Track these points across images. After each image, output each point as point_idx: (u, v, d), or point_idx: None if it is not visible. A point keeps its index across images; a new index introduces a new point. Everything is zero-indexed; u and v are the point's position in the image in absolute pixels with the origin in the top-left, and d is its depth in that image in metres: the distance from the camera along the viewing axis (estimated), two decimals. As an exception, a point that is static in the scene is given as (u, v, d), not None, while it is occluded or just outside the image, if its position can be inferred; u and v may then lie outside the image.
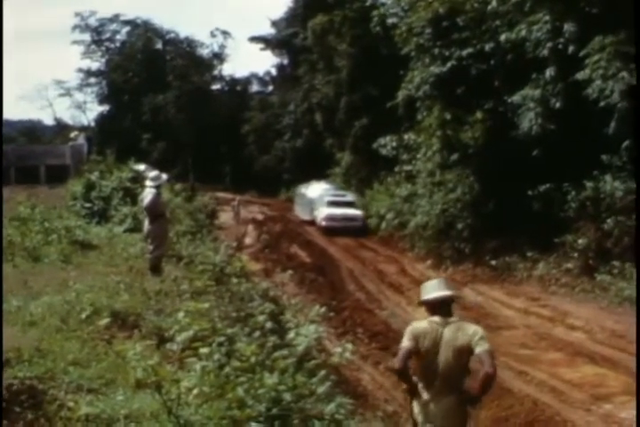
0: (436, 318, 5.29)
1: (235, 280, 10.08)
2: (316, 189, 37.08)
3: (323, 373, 4.53)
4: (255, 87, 71.47)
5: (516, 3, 18.60)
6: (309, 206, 36.13)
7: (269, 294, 8.95)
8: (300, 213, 39.00)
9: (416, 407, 5.34)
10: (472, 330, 5.26)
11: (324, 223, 32.48)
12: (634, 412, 8.82)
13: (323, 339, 6.51)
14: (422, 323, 5.34)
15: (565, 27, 16.89)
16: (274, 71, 67.57)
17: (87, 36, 70.18)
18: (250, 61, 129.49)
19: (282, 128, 56.06)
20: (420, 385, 5.32)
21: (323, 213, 32.82)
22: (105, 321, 5.88)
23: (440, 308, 5.33)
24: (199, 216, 24.86)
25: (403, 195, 28.25)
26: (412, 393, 5.36)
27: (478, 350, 5.13)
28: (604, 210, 16.60)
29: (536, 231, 18.26)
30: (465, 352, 5.21)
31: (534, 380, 10.61)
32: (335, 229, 31.26)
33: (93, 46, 71.02)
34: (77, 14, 68.47)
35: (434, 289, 5.40)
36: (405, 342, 5.27)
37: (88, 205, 19.86)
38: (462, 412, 5.34)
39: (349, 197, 34.87)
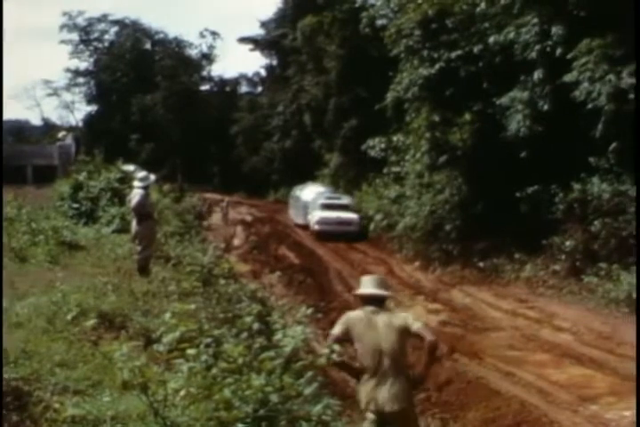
0: (369, 308, 5.63)
1: (223, 281, 10.06)
2: (310, 192, 35.39)
3: (310, 374, 4.53)
4: (244, 88, 71.58)
5: (504, 5, 18.68)
6: (303, 210, 34.61)
7: (257, 295, 8.94)
8: (294, 216, 37.52)
9: (363, 393, 5.52)
10: (403, 315, 5.73)
11: (316, 227, 30.92)
12: (620, 413, 8.87)
13: (311, 340, 6.50)
14: (356, 312, 5.71)
15: (553, 29, 16.97)
16: (263, 72, 67.68)
17: (75, 36, 70.00)
18: (239, 62, 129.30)
19: (271, 129, 56.07)
20: (366, 375, 5.53)
21: (315, 216, 31.26)
22: (91, 322, 5.85)
23: (371, 302, 5.67)
24: (187, 217, 24.82)
25: (391, 196, 28.32)
26: (352, 373, 5.74)
27: (414, 327, 5.50)
28: (592, 212, 16.67)
29: (524, 233, 18.32)
30: (405, 332, 5.54)
31: (521, 381, 10.64)
32: (328, 234, 29.74)
33: (82, 46, 70.78)
34: (65, 13, 68.29)
35: (369, 285, 5.76)
36: (335, 330, 5.61)
37: (76, 205, 19.77)
38: (410, 394, 5.61)
39: (345, 199, 33.17)
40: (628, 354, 11.51)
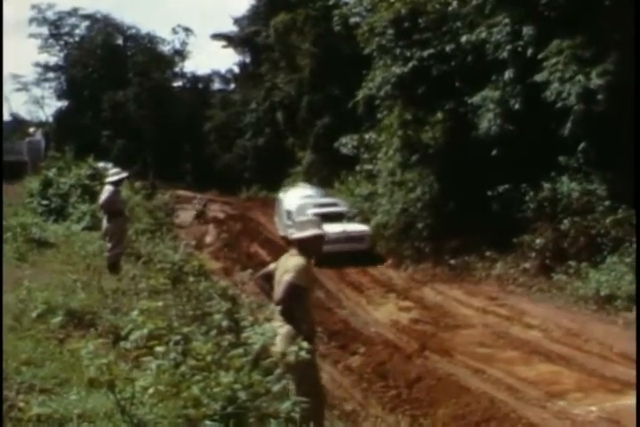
0: (290, 251, 5.93)
1: (193, 279, 10.02)
2: (293, 197, 27.56)
3: (279, 371, 4.54)
4: (217, 85, 71.24)
5: (476, 5, 18.78)
6: (287, 220, 25.85)
7: (228, 292, 8.91)
8: (280, 226, 29.50)
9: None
10: (292, 264, 5.72)
11: None
12: (586, 408, 9.00)
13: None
14: (285, 255, 6.05)
15: (524, 30, 17.12)
16: (236, 69, 67.39)
17: (45, 30, 68.87)
18: (212, 59, 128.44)
19: (243, 126, 55.87)
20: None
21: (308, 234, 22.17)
22: (57, 319, 5.79)
23: (296, 245, 5.94)
24: (159, 214, 24.67)
25: (363, 194, 28.33)
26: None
27: (282, 280, 5.63)
28: (561, 211, 16.87)
29: (495, 231, 18.46)
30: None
31: (491, 378, 10.74)
32: (331, 256, 19.71)
33: (51, 40, 69.65)
34: (34, 7, 67.08)
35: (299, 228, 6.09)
36: (271, 265, 6.10)
37: (45, 202, 19.58)
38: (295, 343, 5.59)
39: (342, 205, 26.07)
40: (595, 351, 11.70)
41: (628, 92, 14.42)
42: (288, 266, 5.66)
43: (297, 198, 27.05)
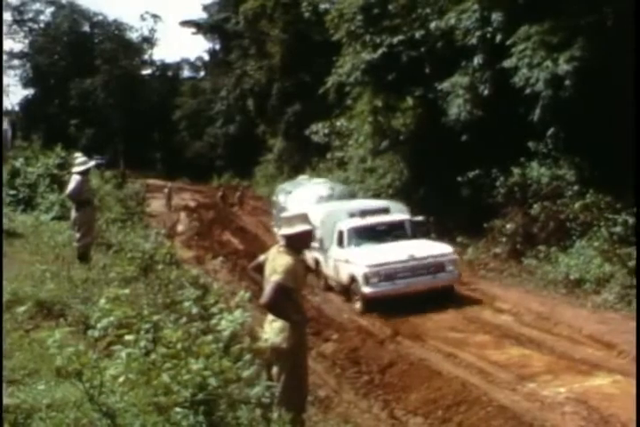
0: (278, 246, 5.98)
1: (164, 267, 9.97)
2: (307, 198, 19.49)
3: (248, 357, 4.55)
4: (186, 72, 70.95)
5: (445, -9, 18.83)
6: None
7: (199, 281, 8.89)
8: None
9: (265, 323, 5.90)
10: (279, 264, 5.73)
11: (368, 290, 14.18)
12: (555, 390, 9.13)
13: (254, 324, 6.53)
14: (273, 248, 6.12)
15: (493, 16, 17.15)
16: (205, 56, 67.01)
17: (8, 16, 67.63)
18: (181, 46, 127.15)
19: (214, 114, 55.59)
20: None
21: (358, 263, 14.62)
22: (23, 308, 5.73)
23: (285, 240, 5.98)
24: (130, 203, 24.50)
25: (335, 181, 28.36)
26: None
27: (269, 280, 5.68)
28: (531, 196, 17.02)
29: (465, 217, 18.60)
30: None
31: (463, 362, 10.82)
32: (400, 298, 14.04)
33: (15, 26, 68.46)
34: (-4, -9, 65.72)
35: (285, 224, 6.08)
36: (261, 256, 6.21)
37: (13, 192, 19.32)
38: (286, 336, 5.69)
39: (396, 211, 16.93)
40: (565, 334, 11.85)
41: (595, 78, 14.55)
42: (275, 265, 5.65)
43: (311, 198, 19.52)
